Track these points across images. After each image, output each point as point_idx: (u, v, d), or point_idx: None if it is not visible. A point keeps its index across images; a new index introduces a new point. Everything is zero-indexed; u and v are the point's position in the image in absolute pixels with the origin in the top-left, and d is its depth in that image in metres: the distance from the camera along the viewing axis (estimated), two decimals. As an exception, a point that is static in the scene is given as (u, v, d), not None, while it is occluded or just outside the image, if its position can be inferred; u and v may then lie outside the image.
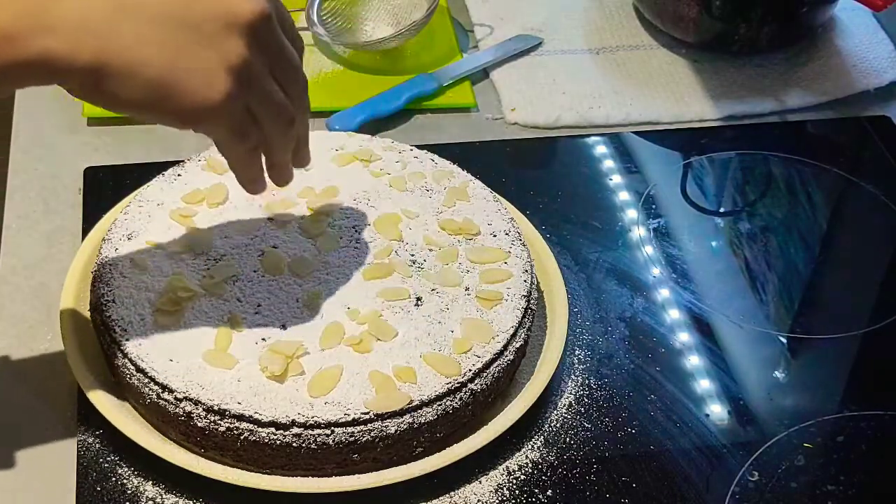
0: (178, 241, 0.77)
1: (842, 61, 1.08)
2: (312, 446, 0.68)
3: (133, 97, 0.59)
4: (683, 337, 0.83)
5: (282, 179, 0.70)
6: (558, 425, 0.76)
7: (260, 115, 0.63)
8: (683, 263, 0.89)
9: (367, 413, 0.68)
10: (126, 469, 0.71)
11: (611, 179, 0.96)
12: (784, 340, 0.84)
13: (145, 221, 0.78)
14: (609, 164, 0.98)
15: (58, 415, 0.74)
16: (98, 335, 0.74)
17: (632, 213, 0.93)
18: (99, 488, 0.70)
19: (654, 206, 0.94)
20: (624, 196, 0.95)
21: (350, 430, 0.68)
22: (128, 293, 0.73)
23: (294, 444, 0.68)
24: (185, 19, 0.59)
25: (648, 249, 0.90)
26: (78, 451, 0.72)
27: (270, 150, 0.67)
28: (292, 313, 0.73)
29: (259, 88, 0.62)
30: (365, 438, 0.68)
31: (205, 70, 0.59)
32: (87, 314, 0.76)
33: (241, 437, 0.68)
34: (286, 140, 0.67)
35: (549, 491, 0.72)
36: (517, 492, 0.72)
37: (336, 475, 0.70)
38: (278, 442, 0.68)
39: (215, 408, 0.68)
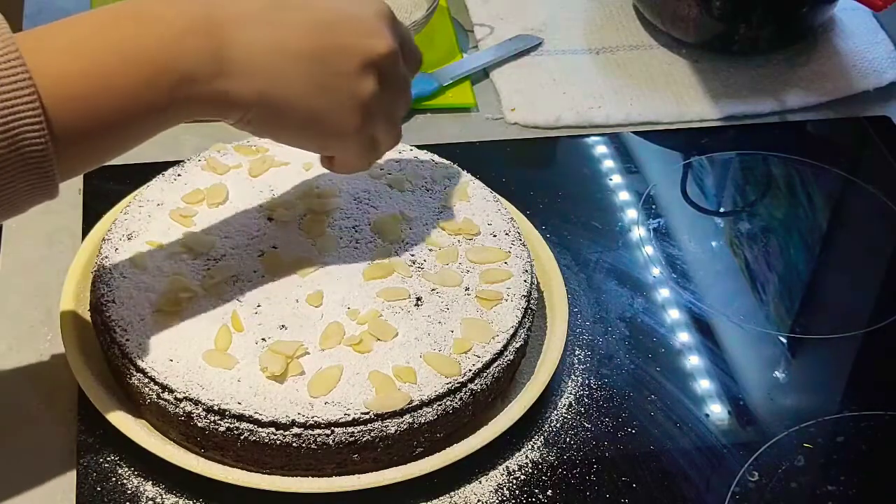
0: (178, 241, 0.77)
1: (842, 61, 1.08)
2: (312, 446, 0.68)
3: (286, 127, 0.67)
4: (683, 337, 0.83)
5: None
6: (558, 425, 0.76)
7: (380, 137, 0.71)
8: (683, 263, 0.89)
9: (367, 413, 0.68)
10: (126, 469, 0.71)
11: (611, 179, 0.96)
12: (784, 340, 0.84)
13: (145, 221, 0.78)
14: (609, 164, 0.98)
15: (58, 415, 0.74)
16: (98, 335, 0.74)
17: (632, 213, 0.93)
18: (99, 488, 0.70)
19: (654, 206, 0.94)
20: (624, 196, 0.95)
21: (350, 430, 0.68)
22: (128, 293, 0.73)
23: (294, 444, 0.68)
24: (328, 59, 0.65)
25: (648, 249, 0.90)
26: (78, 451, 0.72)
27: (378, 156, 0.74)
28: (292, 313, 0.73)
29: (382, 117, 0.70)
30: (365, 438, 0.69)
31: (342, 104, 0.67)
32: (87, 314, 0.76)
33: (241, 437, 0.68)
34: (389, 149, 0.74)
35: (549, 491, 0.72)
36: (517, 492, 0.72)
37: (336, 475, 0.70)
38: (278, 442, 0.68)
39: (215, 408, 0.68)
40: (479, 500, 0.71)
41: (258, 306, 0.73)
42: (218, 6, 0.64)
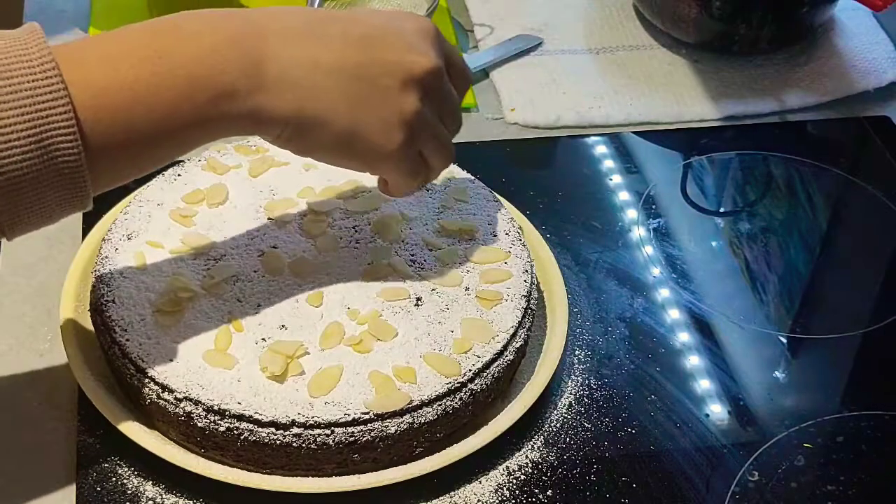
0: (178, 241, 0.77)
1: (842, 61, 1.08)
2: (312, 446, 0.68)
3: (324, 143, 0.66)
4: (683, 337, 0.83)
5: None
6: (558, 425, 0.76)
7: (429, 156, 0.70)
8: (683, 263, 0.89)
9: (367, 413, 0.68)
10: (126, 469, 0.71)
11: (611, 179, 0.96)
12: (784, 340, 0.84)
13: (145, 221, 0.78)
14: (609, 164, 0.98)
15: (58, 415, 0.74)
16: (98, 335, 0.74)
17: (632, 213, 0.93)
18: (99, 488, 0.70)
19: (654, 206, 0.94)
20: (624, 196, 0.95)
21: (350, 430, 0.68)
22: (128, 293, 0.73)
23: (294, 444, 0.68)
24: (368, 75, 0.65)
25: (648, 249, 0.90)
26: (78, 451, 0.72)
27: (430, 175, 0.73)
28: (292, 313, 0.73)
29: (428, 135, 0.69)
30: (365, 438, 0.69)
31: (382, 121, 0.66)
32: (87, 314, 0.76)
33: (241, 437, 0.68)
34: (443, 170, 0.73)
35: (549, 491, 0.72)
36: (517, 492, 0.72)
37: (336, 475, 0.70)
38: (278, 442, 0.68)
39: (215, 408, 0.68)
40: (479, 500, 0.71)
41: (258, 306, 0.73)
42: (257, 22, 0.64)
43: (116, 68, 0.60)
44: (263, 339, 0.71)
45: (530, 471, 0.73)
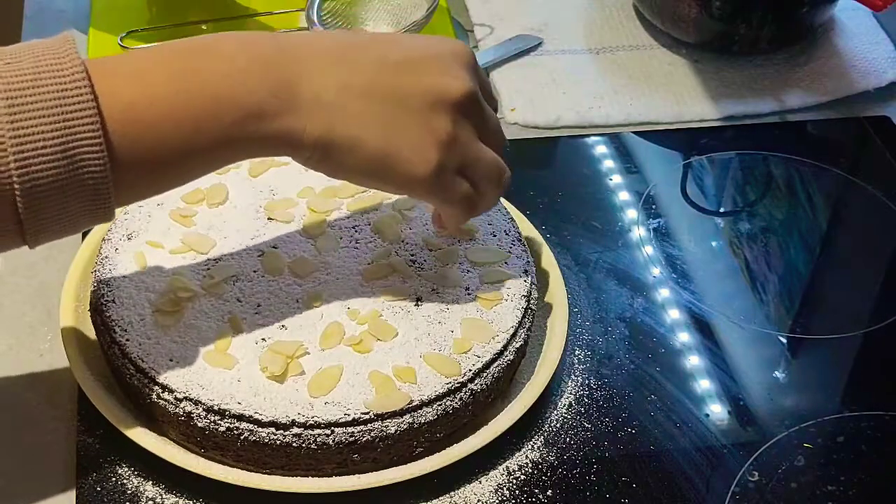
0: (178, 241, 0.77)
1: (842, 61, 1.08)
2: (312, 446, 0.68)
3: (356, 166, 0.65)
4: (683, 337, 0.83)
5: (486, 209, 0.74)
6: (558, 425, 0.76)
7: (472, 178, 0.69)
8: (683, 263, 0.89)
9: (367, 413, 0.68)
10: (126, 469, 0.71)
11: (611, 179, 0.96)
12: (784, 340, 0.84)
13: (145, 221, 0.78)
14: (609, 164, 0.98)
15: (58, 415, 0.74)
16: (98, 335, 0.74)
17: (632, 213, 0.93)
18: (99, 488, 0.70)
19: (654, 206, 0.94)
20: (624, 196, 0.95)
21: (350, 430, 0.68)
22: (128, 293, 0.73)
23: (294, 444, 0.68)
24: (400, 97, 0.65)
25: (648, 249, 0.90)
26: (78, 451, 0.72)
27: (482, 201, 0.71)
28: (292, 313, 0.73)
29: (467, 157, 0.67)
30: (365, 438, 0.69)
31: (415, 144, 0.65)
32: (87, 314, 0.76)
33: (241, 437, 0.68)
34: (496, 194, 0.71)
35: (549, 491, 0.72)
36: (517, 492, 0.72)
37: (336, 475, 0.70)
38: (278, 442, 0.68)
39: (215, 408, 0.68)
40: (479, 500, 0.71)
41: (258, 306, 0.73)
42: (292, 44, 0.64)
43: (146, 83, 0.60)
44: (263, 339, 0.71)
45: (530, 471, 0.73)
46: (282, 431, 0.68)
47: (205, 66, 0.61)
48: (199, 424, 0.68)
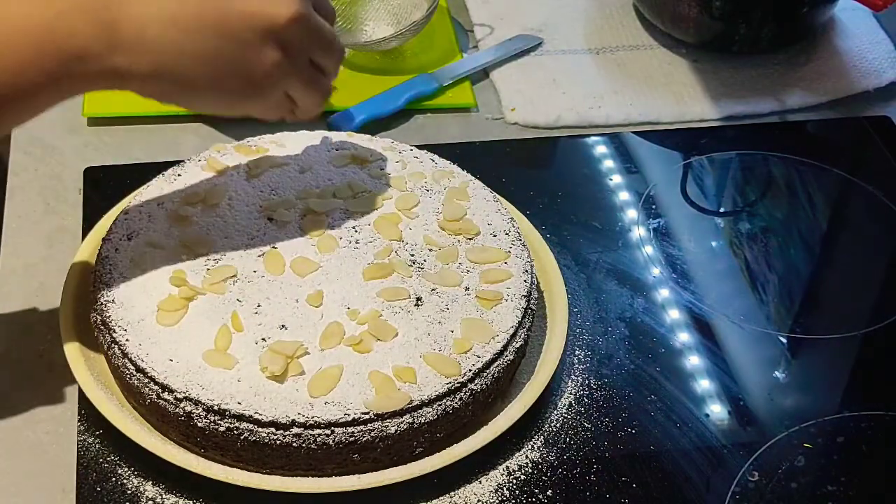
0: (178, 241, 0.77)
1: (842, 61, 1.08)
2: (312, 446, 0.68)
3: (184, 97, 0.67)
4: (683, 337, 0.83)
5: (307, 118, 0.75)
6: (558, 425, 0.76)
7: (295, 96, 0.71)
8: (683, 263, 0.89)
9: (367, 413, 0.68)
10: (126, 469, 0.71)
11: (611, 179, 0.96)
12: (784, 340, 0.84)
13: (145, 221, 0.78)
14: (609, 164, 0.98)
15: (58, 415, 0.74)
16: (98, 335, 0.74)
17: (632, 213, 0.93)
18: (99, 488, 0.70)
19: (654, 206, 0.94)
20: (624, 196, 0.95)
21: (350, 430, 0.68)
22: (128, 293, 0.73)
23: (294, 444, 0.68)
24: (227, 29, 0.64)
25: (648, 249, 0.90)
26: (78, 451, 0.72)
27: (300, 112, 0.73)
28: (292, 313, 0.73)
29: (294, 79, 0.69)
30: (365, 438, 0.69)
31: (244, 75, 0.66)
32: (88, 314, 0.76)
33: (241, 437, 0.68)
34: (318, 106, 0.73)
35: (549, 491, 0.72)
36: (517, 492, 0.72)
37: (336, 475, 0.70)
38: (278, 442, 0.68)
39: (215, 408, 0.68)
40: (479, 500, 0.71)
41: (258, 306, 0.73)
42: None
43: None
44: (263, 339, 0.71)
45: (530, 471, 0.73)
46: (282, 431, 0.68)
47: (21, 10, 0.62)
48: (199, 424, 0.68)
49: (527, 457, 0.74)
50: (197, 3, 0.64)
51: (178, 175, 0.82)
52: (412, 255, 0.77)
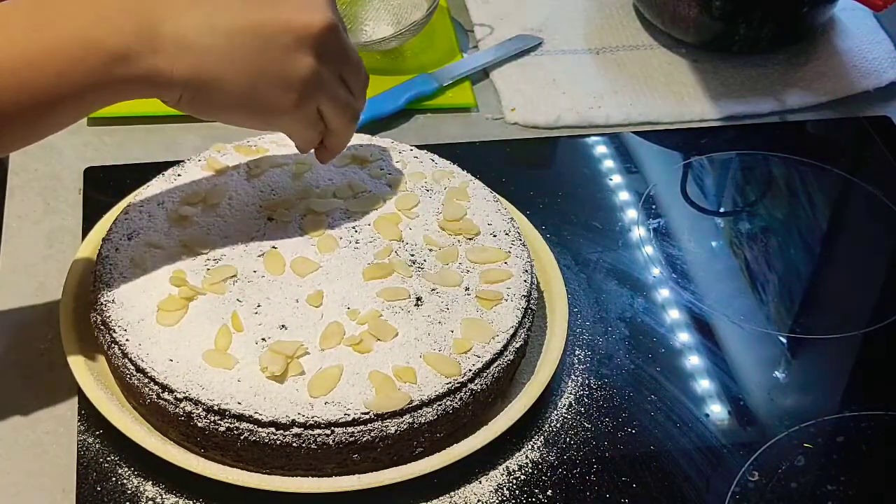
0: (178, 241, 0.77)
1: (842, 61, 1.08)
2: (312, 446, 0.68)
3: (222, 104, 0.67)
4: (683, 337, 0.83)
5: (330, 158, 0.77)
6: (558, 425, 0.76)
7: (327, 114, 0.71)
8: (683, 263, 0.89)
9: (367, 413, 0.68)
10: (126, 469, 0.71)
11: (611, 179, 0.96)
12: (784, 340, 0.84)
13: (145, 221, 0.78)
14: (609, 164, 0.98)
15: (58, 415, 0.74)
16: (98, 335, 0.74)
17: (632, 213, 0.93)
18: (99, 488, 0.70)
19: (654, 206, 0.94)
20: (624, 196, 0.95)
21: (350, 430, 0.68)
22: (128, 293, 0.73)
23: (294, 444, 0.68)
24: (265, 33, 0.65)
25: (648, 249, 0.90)
26: (78, 451, 0.72)
27: (331, 136, 0.74)
28: (292, 313, 0.73)
29: (327, 92, 0.69)
30: (365, 438, 0.69)
31: (280, 80, 0.67)
32: (87, 314, 0.76)
33: (241, 437, 0.68)
34: (348, 131, 0.74)
35: (549, 491, 0.72)
36: (517, 492, 0.72)
37: (336, 475, 0.70)
38: (278, 442, 0.68)
39: (215, 408, 0.68)
40: (479, 500, 0.71)
41: (258, 306, 0.73)
42: None
43: (8, 35, 0.61)
44: (263, 339, 0.71)
45: (530, 471, 0.73)
46: (282, 431, 0.68)
47: (64, 12, 0.62)
48: (199, 424, 0.68)
49: (527, 457, 0.74)
50: (234, 10, 0.65)
51: (178, 175, 0.82)
52: (412, 255, 0.77)
